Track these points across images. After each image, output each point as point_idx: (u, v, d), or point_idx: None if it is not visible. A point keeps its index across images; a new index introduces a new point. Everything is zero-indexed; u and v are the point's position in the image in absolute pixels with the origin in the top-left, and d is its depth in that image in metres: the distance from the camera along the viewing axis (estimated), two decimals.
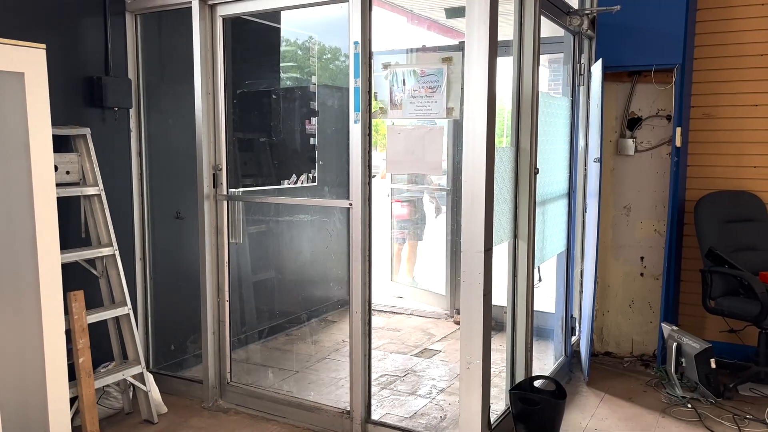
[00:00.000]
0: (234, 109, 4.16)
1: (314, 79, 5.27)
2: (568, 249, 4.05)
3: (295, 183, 5.07)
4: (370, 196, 3.00)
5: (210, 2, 3.34)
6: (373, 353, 4.55)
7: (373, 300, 3.11)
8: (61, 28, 3.27)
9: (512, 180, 3.11)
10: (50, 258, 2.62)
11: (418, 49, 5.43)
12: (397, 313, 5.72)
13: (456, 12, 5.47)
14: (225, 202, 3.49)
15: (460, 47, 2.79)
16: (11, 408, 2.50)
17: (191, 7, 3.35)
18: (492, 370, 4.17)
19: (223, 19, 3.39)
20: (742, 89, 4.13)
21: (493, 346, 4.71)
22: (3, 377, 2.47)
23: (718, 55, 4.16)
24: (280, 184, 4.89)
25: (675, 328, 3.87)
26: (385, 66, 2.88)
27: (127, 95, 3.55)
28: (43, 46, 2.56)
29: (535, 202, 3.22)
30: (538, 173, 3.22)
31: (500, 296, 3.25)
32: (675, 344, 3.74)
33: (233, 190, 3.69)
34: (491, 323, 2.80)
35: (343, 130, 5.59)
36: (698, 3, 4.16)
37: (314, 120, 5.19)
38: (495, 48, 2.60)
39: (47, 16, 3.20)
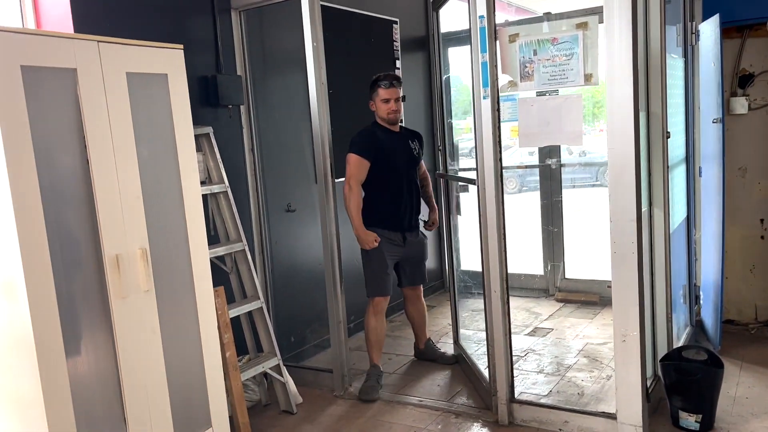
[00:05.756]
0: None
1: (398, 64, 5.23)
2: (688, 216, 3.92)
3: None
4: (501, 172, 2.95)
5: None
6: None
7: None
8: (172, 28, 3.31)
9: (645, 146, 3.01)
10: (201, 255, 2.66)
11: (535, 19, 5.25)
12: None
13: None
14: None
15: (594, 11, 2.70)
16: (178, 395, 2.55)
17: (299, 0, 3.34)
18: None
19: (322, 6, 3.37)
20: None
21: (602, 321, 4.63)
22: (171, 367, 2.52)
23: None
24: None
25: None
26: (513, 38, 2.82)
27: (239, 92, 3.58)
28: (181, 46, 2.58)
29: (667, 168, 3.11)
30: (669, 137, 3.11)
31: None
32: None
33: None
34: (644, 294, 2.71)
35: (428, 114, 5.56)
36: None
37: (402, 105, 5.15)
38: (636, 8, 2.51)
39: (158, 17, 3.24)
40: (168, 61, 2.52)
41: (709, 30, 3.70)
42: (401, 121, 4.20)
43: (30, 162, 2.03)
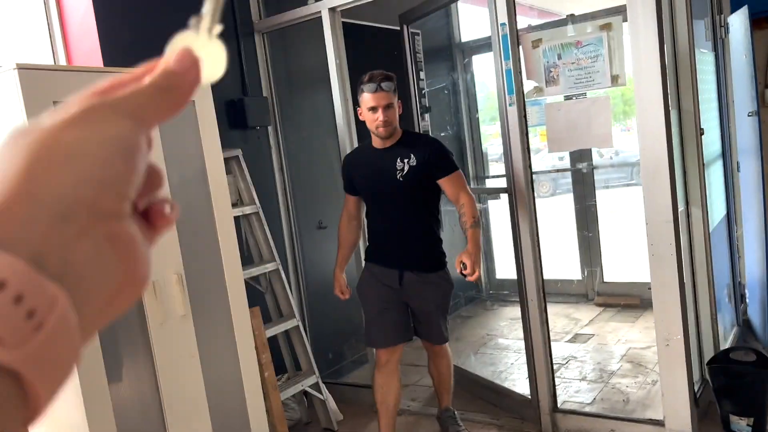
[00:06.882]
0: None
1: (422, 75, 5.24)
2: (728, 212, 3.82)
3: None
4: (532, 179, 2.92)
5: (339, 9, 3.36)
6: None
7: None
8: None
9: (678, 144, 2.94)
10: (235, 277, 2.68)
11: (558, 23, 5.19)
12: None
13: None
14: None
15: (617, 10, 2.66)
16: (218, 417, 2.57)
17: (320, 17, 3.37)
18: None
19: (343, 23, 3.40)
20: None
21: (644, 324, 4.53)
22: (211, 390, 2.54)
23: None
24: None
25: None
26: (536, 43, 2.79)
27: (266, 113, 3.62)
28: None
29: (703, 165, 3.04)
30: (703, 134, 3.03)
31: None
32: None
33: None
34: (686, 296, 2.64)
35: (453, 123, 5.55)
36: None
37: (427, 116, 5.15)
38: (660, 4, 2.47)
39: None
40: None
41: (738, 22, 3.62)
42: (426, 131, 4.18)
43: None
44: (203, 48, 0.36)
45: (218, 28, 0.36)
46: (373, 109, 2.67)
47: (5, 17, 2.93)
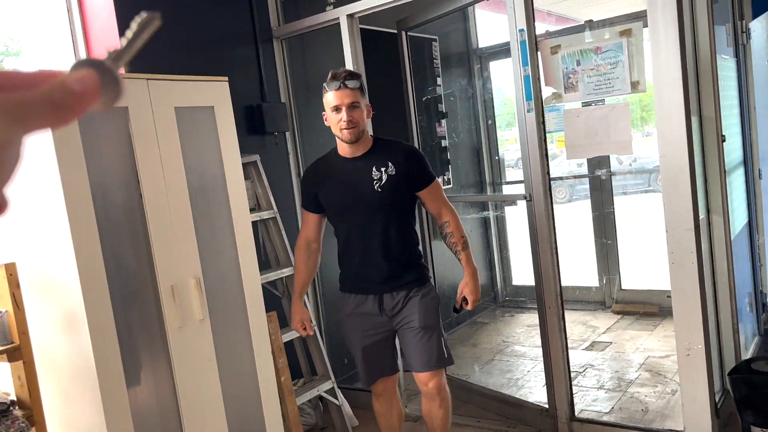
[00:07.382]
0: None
1: (439, 81, 5.24)
2: (750, 221, 3.76)
3: None
4: (550, 186, 2.90)
5: (357, 16, 3.37)
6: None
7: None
8: (218, 60, 3.39)
9: (699, 151, 2.91)
10: (253, 281, 2.69)
11: (577, 28, 5.16)
12: None
13: None
14: None
15: (637, 16, 2.64)
16: (235, 421, 2.58)
17: (339, 23, 3.39)
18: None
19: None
20: None
21: (663, 333, 4.47)
22: (228, 394, 2.55)
23: None
24: None
25: None
26: (554, 49, 2.78)
27: (284, 119, 3.64)
28: (226, 78, 2.64)
29: (724, 172, 3.00)
30: (724, 141, 3.00)
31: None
32: None
33: None
34: (707, 305, 2.61)
35: (470, 129, 5.53)
36: None
37: (443, 122, 5.15)
38: (682, 10, 2.45)
39: (204, 50, 3.33)
40: (214, 94, 2.59)
41: (760, 27, 3.58)
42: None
43: (87, 198, 2.11)
44: (106, 77, 0.36)
45: (125, 65, 0.37)
46: (337, 108, 2.41)
47: (28, 21, 2.98)
